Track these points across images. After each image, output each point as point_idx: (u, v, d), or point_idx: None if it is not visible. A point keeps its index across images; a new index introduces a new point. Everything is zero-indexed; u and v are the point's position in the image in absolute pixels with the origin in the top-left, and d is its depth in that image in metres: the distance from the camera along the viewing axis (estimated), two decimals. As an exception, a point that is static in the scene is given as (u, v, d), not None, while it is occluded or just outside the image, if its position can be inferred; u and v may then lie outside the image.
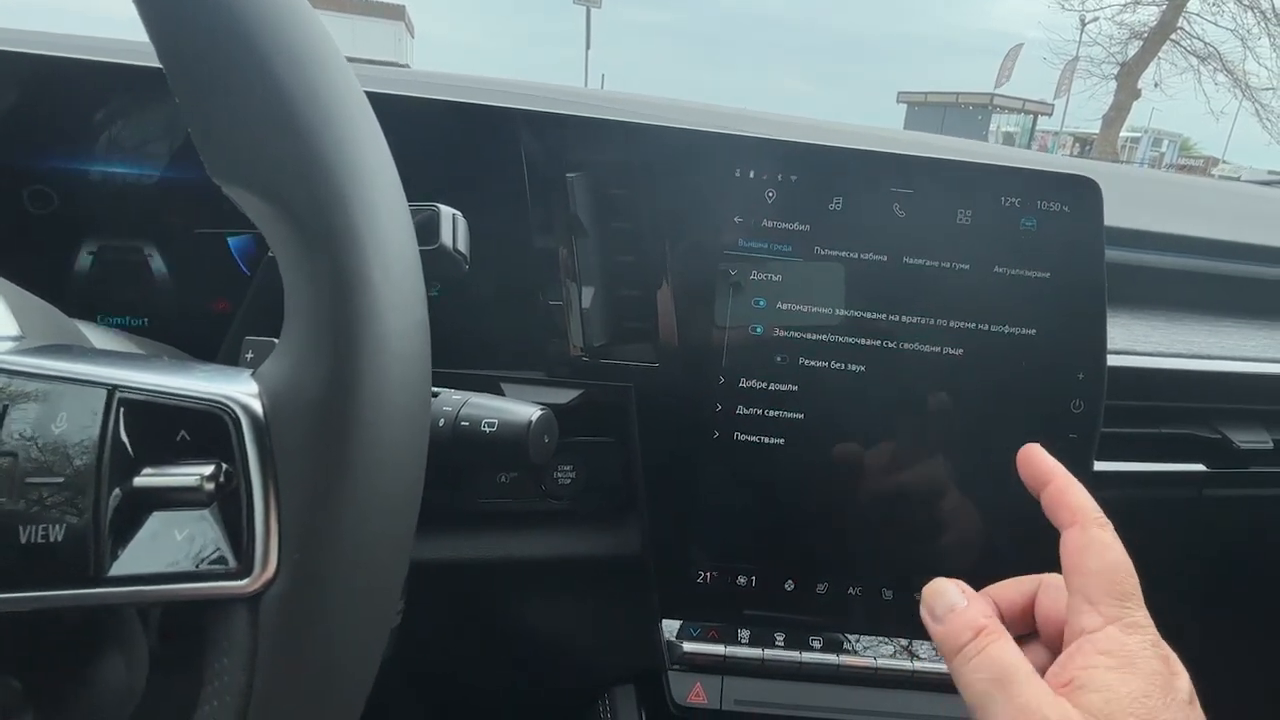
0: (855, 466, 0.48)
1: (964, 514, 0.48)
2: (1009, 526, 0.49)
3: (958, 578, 0.49)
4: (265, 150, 0.23)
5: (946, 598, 0.40)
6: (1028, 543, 0.49)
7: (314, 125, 0.23)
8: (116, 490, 0.22)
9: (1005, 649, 0.36)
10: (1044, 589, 0.40)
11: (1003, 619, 0.39)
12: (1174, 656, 0.35)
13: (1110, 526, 0.38)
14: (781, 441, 0.48)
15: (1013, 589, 0.41)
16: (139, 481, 0.23)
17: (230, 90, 0.23)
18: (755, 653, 0.49)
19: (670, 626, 0.50)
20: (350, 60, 0.26)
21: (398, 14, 20.18)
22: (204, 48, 0.23)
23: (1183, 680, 0.34)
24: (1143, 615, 0.36)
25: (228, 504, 0.23)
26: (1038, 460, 0.41)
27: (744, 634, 0.50)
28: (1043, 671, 0.34)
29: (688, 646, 0.50)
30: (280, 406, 0.22)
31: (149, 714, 0.27)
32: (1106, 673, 0.34)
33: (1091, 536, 0.38)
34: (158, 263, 0.52)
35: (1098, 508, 0.39)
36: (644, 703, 0.57)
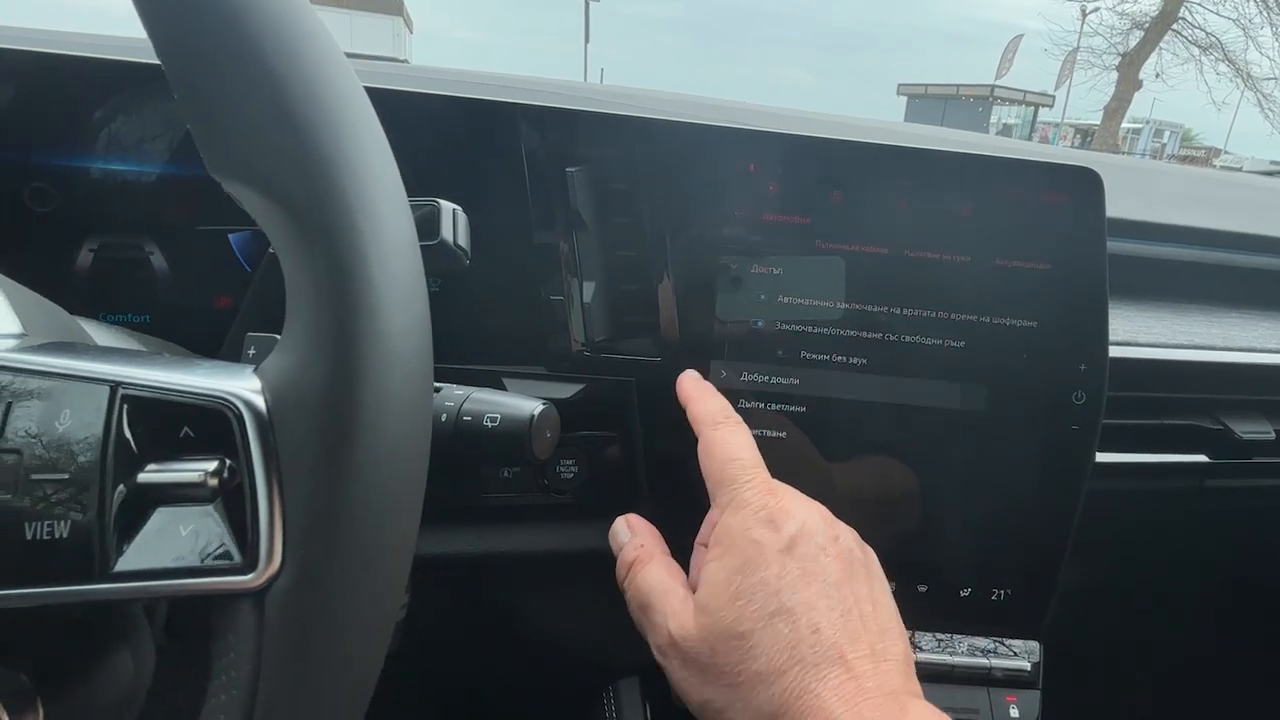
0: (857, 459, 0.48)
1: (966, 505, 0.48)
2: (1011, 517, 0.49)
3: (961, 567, 0.49)
4: (263, 145, 0.23)
5: (616, 538, 0.43)
6: (1029, 532, 0.49)
7: (312, 120, 0.23)
8: (121, 486, 0.22)
9: (648, 576, 0.39)
10: None
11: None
12: (792, 507, 0.36)
13: (728, 424, 0.40)
14: (783, 435, 0.48)
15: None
16: (143, 478, 0.23)
17: (228, 85, 0.23)
18: None
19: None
20: (348, 56, 0.26)
21: (396, 9, 20.13)
22: (201, 42, 0.23)
23: (788, 528, 0.35)
24: (750, 490, 0.36)
25: (232, 499, 0.23)
26: (680, 387, 0.44)
27: (747, 627, 0.50)
28: None
29: None
30: (283, 402, 0.22)
31: (156, 708, 0.27)
32: (711, 564, 0.35)
33: (704, 440, 0.39)
34: (159, 259, 0.52)
35: (718, 410, 0.41)
36: (648, 696, 0.57)
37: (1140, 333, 0.60)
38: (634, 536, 0.42)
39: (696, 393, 0.42)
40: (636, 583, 0.39)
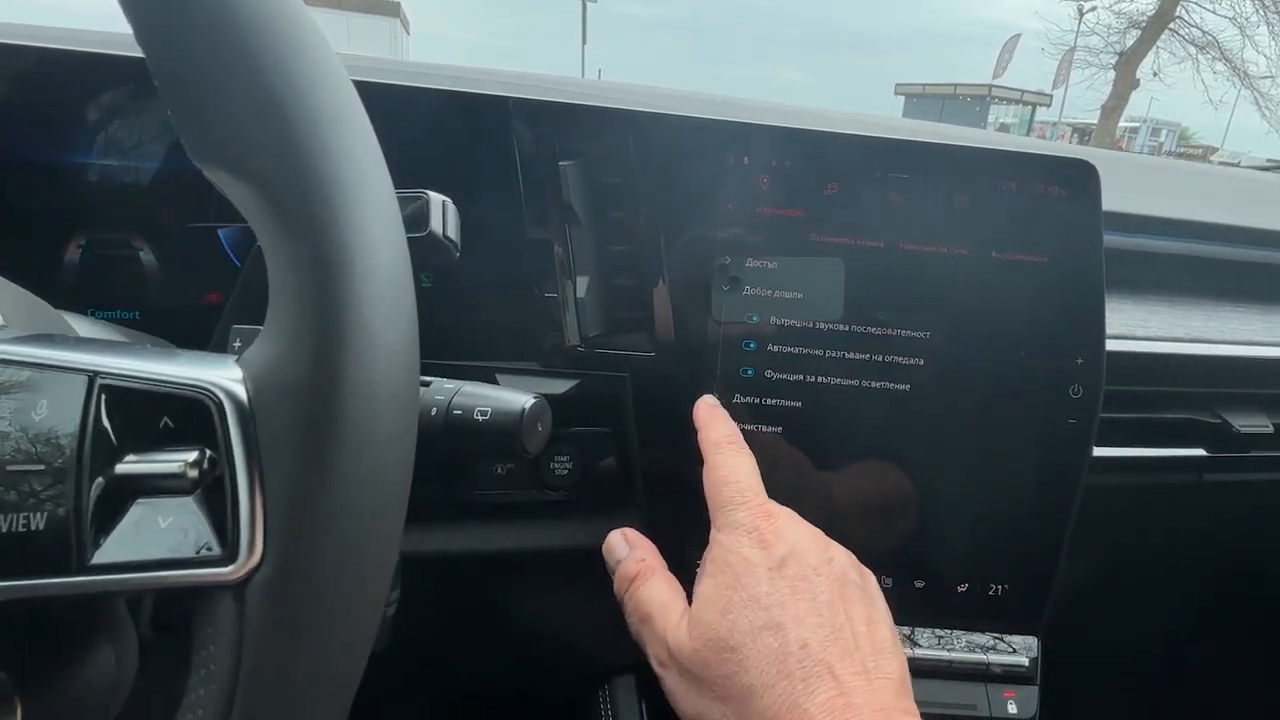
0: (854, 454, 0.48)
1: (963, 499, 0.48)
2: (1008, 512, 0.48)
3: (958, 563, 0.49)
4: (246, 131, 0.22)
5: (615, 552, 0.44)
6: (1027, 527, 0.49)
7: (295, 106, 0.23)
8: (99, 478, 0.22)
9: (650, 589, 0.40)
10: None
11: None
12: (785, 530, 0.37)
13: (731, 448, 0.41)
14: (779, 430, 0.47)
15: None
16: (121, 469, 0.22)
17: (208, 68, 0.22)
18: None
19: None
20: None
21: (393, 10, 20.12)
22: (183, 28, 0.22)
23: (779, 549, 0.36)
24: (744, 512, 0.37)
25: (212, 491, 0.22)
26: (695, 412, 0.44)
27: (743, 623, 0.50)
28: None
29: None
30: (264, 392, 0.22)
31: (140, 704, 0.26)
32: (704, 580, 0.37)
33: (708, 464, 0.41)
34: (149, 256, 0.51)
35: (724, 435, 0.42)
36: (644, 693, 0.56)
37: (1137, 326, 0.60)
38: (634, 550, 0.43)
39: (708, 419, 0.43)
40: (638, 596, 0.40)
